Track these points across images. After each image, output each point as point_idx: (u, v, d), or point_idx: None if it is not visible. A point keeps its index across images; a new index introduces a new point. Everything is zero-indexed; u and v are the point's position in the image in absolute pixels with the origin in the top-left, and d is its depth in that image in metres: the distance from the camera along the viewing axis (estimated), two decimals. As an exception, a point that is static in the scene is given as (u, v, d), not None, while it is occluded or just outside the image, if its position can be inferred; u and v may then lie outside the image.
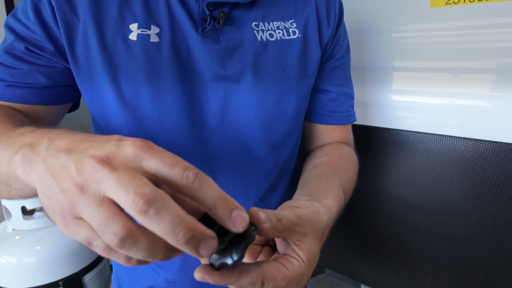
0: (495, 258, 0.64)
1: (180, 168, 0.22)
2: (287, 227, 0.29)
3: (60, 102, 0.48)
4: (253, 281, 0.27)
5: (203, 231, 0.22)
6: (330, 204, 0.40)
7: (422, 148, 0.69)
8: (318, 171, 0.50)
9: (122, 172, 0.21)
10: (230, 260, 0.25)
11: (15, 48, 0.43)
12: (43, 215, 0.89)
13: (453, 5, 0.61)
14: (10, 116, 0.41)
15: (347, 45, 0.59)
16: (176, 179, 0.22)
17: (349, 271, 0.92)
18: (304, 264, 0.30)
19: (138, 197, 0.20)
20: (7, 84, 0.43)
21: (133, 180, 0.21)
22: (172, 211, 0.21)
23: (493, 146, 0.60)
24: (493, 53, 0.58)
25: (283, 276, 0.28)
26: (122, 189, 0.21)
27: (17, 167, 0.26)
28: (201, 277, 0.26)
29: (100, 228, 0.21)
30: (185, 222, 0.21)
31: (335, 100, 0.58)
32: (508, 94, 0.57)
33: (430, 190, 0.70)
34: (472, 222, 0.66)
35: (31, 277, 0.83)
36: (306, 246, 0.31)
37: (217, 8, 0.46)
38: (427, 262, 0.73)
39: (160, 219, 0.20)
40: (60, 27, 0.42)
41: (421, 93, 0.68)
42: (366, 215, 0.82)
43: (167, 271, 0.54)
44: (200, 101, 0.47)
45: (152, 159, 0.22)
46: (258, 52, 0.48)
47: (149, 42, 0.44)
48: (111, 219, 0.21)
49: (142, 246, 0.21)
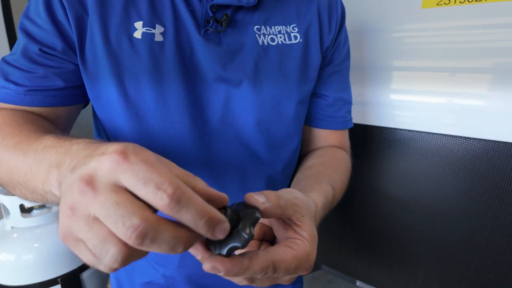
0: (485, 253, 0.65)
1: (153, 187, 0.20)
2: (288, 205, 0.30)
3: (77, 101, 0.48)
4: (264, 266, 0.26)
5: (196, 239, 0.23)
6: (315, 196, 0.41)
7: (417, 146, 0.70)
8: (309, 171, 0.51)
9: (103, 195, 0.21)
10: (239, 243, 0.25)
11: (30, 50, 0.43)
12: (41, 213, 0.90)
13: (444, 6, 0.62)
14: (31, 122, 0.41)
15: (347, 51, 0.59)
16: (150, 199, 0.21)
17: (345, 267, 0.93)
18: (308, 243, 0.30)
19: (129, 231, 0.20)
20: (27, 89, 0.43)
21: (118, 209, 0.20)
22: (167, 234, 0.21)
23: (485, 144, 0.62)
24: (488, 53, 0.59)
25: (292, 257, 0.28)
26: (110, 221, 0.20)
27: (52, 188, 0.27)
28: (211, 267, 0.25)
29: (97, 252, 0.21)
30: (182, 239, 0.22)
31: (332, 105, 0.58)
32: (504, 94, 0.58)
33: (424, 187, 0.71)
34: (463, 218, 0.67)
35: (29, 274, 0.83)
36: (306, 226, 0.31)
37: (220, 11, 0.46)
38: (420, 258, 0.75)
39: (158, 244, 0.21)
40: (72, 24, 0.43)
41: (418, 92, 0.68)
42: (361, 213, 0.83)
43: (165, 268, 0.55)
44: (202, 101, 0.47)
45: (126, 173, 0.21)
46: (259, 56, 0.48)
47: (153, 41, 0.44)
48: (105, 241, 0.21)
49: (141, 255, 0.23)
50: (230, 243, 0.25)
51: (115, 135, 0.48)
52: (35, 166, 0.31)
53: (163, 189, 0.20)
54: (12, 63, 0.43)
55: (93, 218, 0.21)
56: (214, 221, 0.23)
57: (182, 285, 0.55)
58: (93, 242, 0.21)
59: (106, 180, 0.21)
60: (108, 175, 0.21)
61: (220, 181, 0.50)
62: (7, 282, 0.83)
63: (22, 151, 0.34)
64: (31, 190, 0.33)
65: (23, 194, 0.35)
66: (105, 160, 0.22)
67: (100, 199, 0.21)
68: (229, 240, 0.25)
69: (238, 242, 0.25)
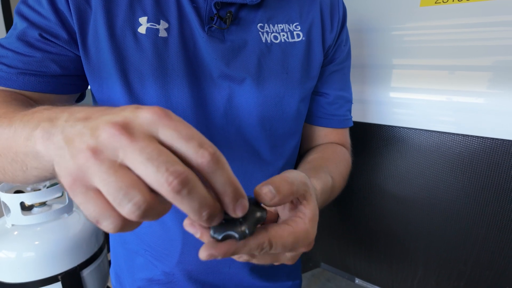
0: (482, 250, 0.66)
1: (195, 144, 0.21)
2: (300, 187, 0.30)
3: (71, 91, 0.48)
4: (260, 243, 0.26)
5: (221, 209, 0.23)
6: (313, 181, 0.40)
7: (416, 144, 0.71)
8: (309, 165, 0.51)
9: (143, 142, 0.20)
10: (237, 234, 0.25)
11: (28, 35, 0.43)
12: (42, 210, 0.90)
13: (442, 4, 0.63)
14: (20, 100, 0.40)
15: (348, 50, 0.60)
16: (190, 155, 0.21)
17: (344, 265, 0.93)
18: (308, 220, 0.30)
19: (172, 176, 0.19)
20: (20, 71, 0.42)
21: (161, 156, 0.20)
22: (202, 192, 0.21)
23: (482, 142, 0.62)
24: (487, 51, 0.59)
25: (288, 233, 0.28)
26: (151, 165, 0.19)
27: (36, 141, 0.25)
28: (207, 255, 0.25)
29: (118, 197, 0.19)
30: (210, 202, 0.22)
31: (333, 104, 0.59)
32: (502, 91, 0.59)
33: (423, 185, 0.71)
34: (461, 215, 0.67)
35: (30, 271, 0.83)
36: (311, 204, 0.31)
37: (224, 8, 0.46)
38: (418, 254, 0.75)
39: (191, 199, 0.20)
40: (73, 15, 0.43)
41: (418, 90, 0.69)
42: (361, 210, 0.84)
43: (165, 264, 0.55)
44: (205, 97, 0.47)
45: (167, 128, 0.21)
46: (262, 54, 0.49)
47: (158, 37, 0.44)
48: (131, 188, 0.19)
49: (157, 215, 0.21)
50: (228, 230, 0.25)
51: None
52: (20, 127, 0.28)
53: (205, 147, 0.21)
54: (6, 46, 0.43)
55: (119, 163, 0.20)
56: (239, 193, 0.23)
57: (182, 281, 0.56)
58: (115, 187, 0.19)
59: (144, 129, 0.21)
60: (147, 125, 0.21)
61: None
62: (8, 280, 0.83)
63: (7, 119, 0.31)
64: (11, 158, 0.29)
65: (1, 167, 0.32)
66: (144, 112, 0.21)
67: (140, 145, 0.20)
68: (228, 227, 0.25)
69: (236, 233, 0.25)
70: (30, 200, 0.87)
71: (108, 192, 0.20)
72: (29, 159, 0.27)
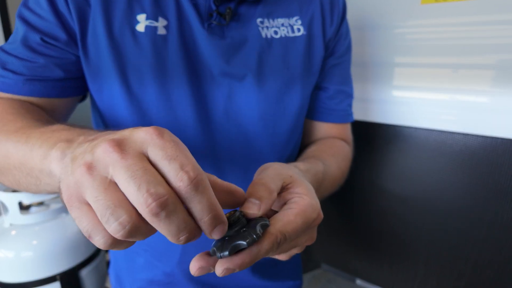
0: (483, 249, 0.66)
1: (177, 165, 0.21)
2: (277, 181, 0.30)
3: (74, 94, 0.48)
4: (273, 240, 0.25)
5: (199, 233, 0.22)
6: (296, 163, 0.40)
7: (418, 143, 0.71)
8: (302, 157, 0.51)
9: (132, 159, 0.20)
10: (244, 241, 0.24)
11: (30, 39, 0.42)
12: (40, 210, 0.90)
13: (442, 2, 0.63)
14: (32, 112, 0.41)
15: (348, 44, 0.59)
16: (170, 177, 0.21)
17: (345, 265, 0.93)
18: (305, 195, 0.29)
19: (151, 198, 0.19)
20: (26, 78, 0.42)
21: (145, 175, 0.20)
22: (181, 216, 0.21)
23: (484, 141, 0.62)
24: (491, 49, 0.59)
25: (294, 215, 0.27)
26: (134, 183, 0.20)
27: (52, 161, 0.26)
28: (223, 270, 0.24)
29: (105, 215, 0.20)
30: (189, 226, 0.21)
31: (333, 98, 0.58)
32: (504, 90, 0.59)
33: (426, 184, 0.71)
34: (462, 214, 0.67)
35: (28, 271, 0.83)
36: (297, 182, 0.31)
37: (223, 4, 0.46)
38: (419, 254, 0.75)
39: (169, 223, 0.20)
40: (74, 15, 0.42)
41: (420, 88, 0.68)
42: (362, 210, 0.84)
43: (165, 264, 0.55)
44: (205, 95, 0.47)
45: (155, 147, 0.21)
46: (262, 50, 0.48)
47: (156, 35, 0.44)
48: (118, 207, 0.20)
49: (143, 235, 0.21)
50: (235, 241, 0.24)
51: (117, 129, 0.48)
52: (38, 145, 0.29)
53: (185, 170, 0.21)
54: (11, 52, 0.43)
55: (109, 180, 0.20)
56: (218, 219, 0.22)
57: (182, 282, 0.55)
58: (103, 205, 0.20)
59: (136, 147, 0.21)
60: (139, 143, 0.21)
61: (222, 174, 0.50)
62: (6, 279, 0.83)
63: (25, 135, 0.32)
64: (26, 172, 0.31)
65: (15, 179, 0.34)
66: (140, 131, 0.22)
67: (128, 162, 0.20)
68: (234, 239, 0.24)
69: (243, 240, 0.24)
70: (28, 199, 0.87)
71: (97, 209, 0.20)
72: (43, 176, 0.28)
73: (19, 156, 0.31)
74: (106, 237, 0.21)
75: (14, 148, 0.32)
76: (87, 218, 0.21)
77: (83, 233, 0.21)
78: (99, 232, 0.21)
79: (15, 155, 0.32)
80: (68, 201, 0.22)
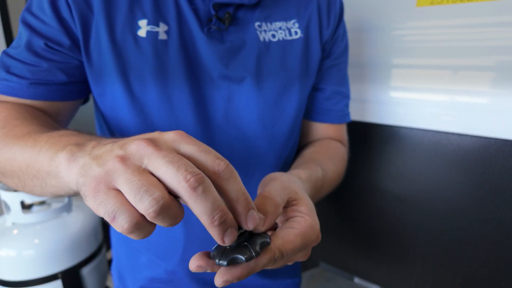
0: (478, 247, 0.67)
1: (213, 155, 0.24)
2: (283, 195, 0.31)
3: (77, 97, 0.48)
4: (270, 257, 0.27)
5: (232, 218, 0.24)
6: (297, 171, 0.41)
7: (415, 143, 0.72)
8: (301, 159, 0.51)
9: (166, 150, 0.23)
10: (243, 256, 0.25)
11: (34, 44, 0.43)
12: (42, 209, 0.90)
13: (437, 5, 0.64)
14: (37, 118, 0.41)
15: (345, 45, 0.60)
16: (209, 164, 0.24)
17: (343, 264, 0.94)
18: (307, 216, 0.30)
19: (189, 174, 0.22)
20: (30, 82, 0.43)
21: (182, 160, 0.23)
22: (215, 194, 0.23)
23: (479, 141, 0.63)
24: (487, 51, 0.60)
25: (295, 236, 0.29)
26: (172, 167, 0.22)
27: (61, 163, 0.27)
28: (222, 281, 0.25)
29: (139, 193, 0.21)
30: (222, 206, 0.23)
31: (329, 99, 0.59)
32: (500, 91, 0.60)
33: (423, 184, 0.72)
34: (459, 213, 0.68)
35: (30, 269, 0.83)
36: (302, 200, 0.32)
37: (222, 9, 0.47)
38: (416, 253, 0.76)
39: (205, 198, 0.22)
40: (76, 21, 0.43)
41: (417, 89, 0.69)
42: (360, 209, 0.85)
43: (167, 263, 0.55)
44: (205, 98, 0.48)
45: (189, 144, 0.24)
46: (260, 53, 0.49)
47: (157, 40, 0.45)
48: (152, 186, 0.22)
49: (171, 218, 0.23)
50: (234, 254, 0.25)
51: (120, 132, 0.49)
52: (46, 148, 0.30)
53: (221, 159, 0.24)
54: (15, 56, 0.44)
55: (143, 168, 0.23)
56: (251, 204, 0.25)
57: (184, 280, 0.56)
58: (137, 184, 0.21)
59: (168, 144, 0.24)
60: (170, 141, 0.24)
61: None
62: (8, 278, 0.83)
63: (32, 138, 0.33)
64: (32, 175, 0.32)
65: (21, 181, 0.35)
66: (169, 132, 0.25)
67: (163, 153, 0.23)
68: (234, 252, 0.26)
69: (242, 255, 0.25)
70: (30, 198, 0.88)
71: (130, 189, 0.22)
72: (50, 178, 0.29)
73: (26, 159, 0.32)
74: (131, 217, 0.22)
75: (21, 151, 0.33)
76: (114, 199, 0.22)
77: (106, 217, 0.22)
78: (125, 212, 0.22)
79: (22, 158, 0.33)
80: (95, 189, 0.23)
